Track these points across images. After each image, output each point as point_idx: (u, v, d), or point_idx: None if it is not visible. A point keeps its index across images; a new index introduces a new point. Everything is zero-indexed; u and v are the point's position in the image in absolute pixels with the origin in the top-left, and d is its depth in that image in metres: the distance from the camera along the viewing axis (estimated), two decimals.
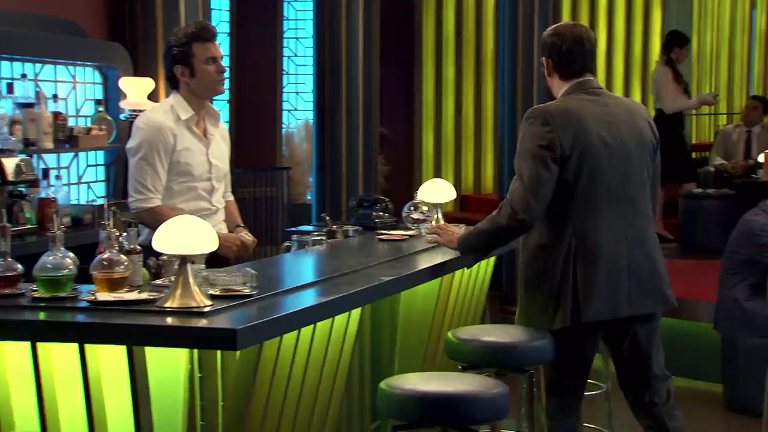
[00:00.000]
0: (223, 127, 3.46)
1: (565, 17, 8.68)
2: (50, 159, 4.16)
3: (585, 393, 3.09)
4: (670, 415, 2.95)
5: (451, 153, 8.98)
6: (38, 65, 4.12)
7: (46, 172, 3.86)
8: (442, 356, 3.69)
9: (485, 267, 3.93)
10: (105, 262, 2.50)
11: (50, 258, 2.47)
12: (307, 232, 3.80)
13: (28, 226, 3.74)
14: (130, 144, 3.25)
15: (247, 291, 2.48)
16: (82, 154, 4.36)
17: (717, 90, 10.29)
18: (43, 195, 3.81)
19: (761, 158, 7.12)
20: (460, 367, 2.89)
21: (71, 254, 2.50)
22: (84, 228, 3.98)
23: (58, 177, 4.04)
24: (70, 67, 4.32)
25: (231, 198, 3.55)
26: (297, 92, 7.95)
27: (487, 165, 9.27)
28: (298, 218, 6.29)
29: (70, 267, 2.46)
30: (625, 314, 2.82)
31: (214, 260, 2.75)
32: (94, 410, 2.28)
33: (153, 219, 3.12)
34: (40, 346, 2.29)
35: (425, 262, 3.25)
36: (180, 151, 3.23)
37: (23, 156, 3.70)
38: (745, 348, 4.42)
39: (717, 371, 4.67)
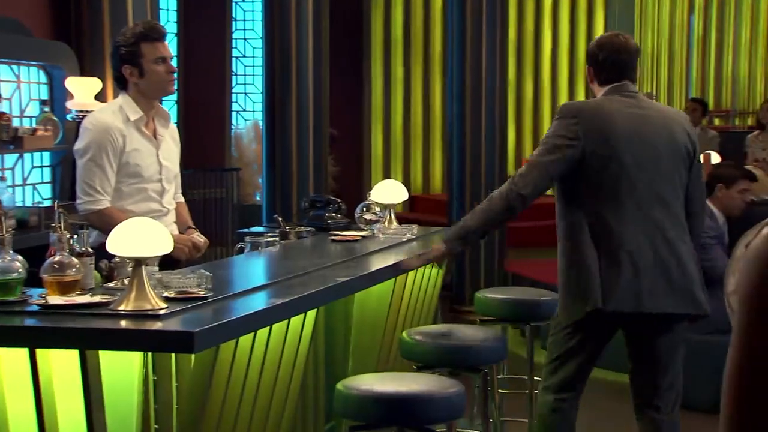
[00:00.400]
0: (173, 128, 3.42)
1: (512, 19, 8.79)
2: None
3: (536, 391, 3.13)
4: (672, 424, 2.96)
5: (400, 153, 9.02)
6: None
7: None
8: (396, 356, 3.70)
9: (435, 270, 3.95)
10: (56, 265, 2.46)
11: None
12: (260, 234, 3.79)
13: None
14: (78, 145, 3.19)
15: (202, 293, 2.47)
16: (27, 155, 4.27)
17: (657, 91, 10.51)
18: None
19: (702, 159, 7.31)
20: (414, 367, 2.91)
21: (20, 257, 2.45)
22: (30, 230, 3.90)
23: (2, 179, 3.95)
24: (14, 67, 4.23)
25: (181, 199, 3.52)
26: (245, 93, 7.90)
27: (435, 165, 9.33)
28: (248, 219, 6.25)
29: (20, 270, 2.41)
30: (648, 309, 2.82)
31: (165, 262, 2.72)
32: (46, 415, 2.25)
33: (102, 221, 3.08)
34: None
35: (380, 262, 3.26)
36: (129, 152, 3.18)
37: None
38: (688, 345, 4.50)
39: None
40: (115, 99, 3.34)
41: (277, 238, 3.62)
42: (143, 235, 2.34)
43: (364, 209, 3.92)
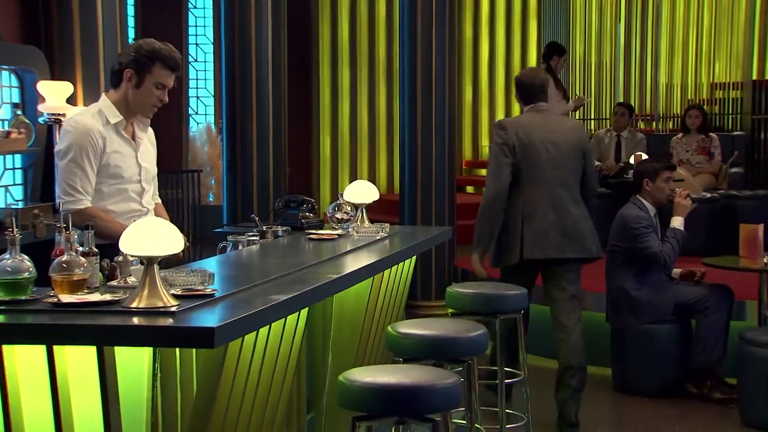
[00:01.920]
0: (151, 132, 3.50)
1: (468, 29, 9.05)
2: None
3: (506, 381, 3.56)
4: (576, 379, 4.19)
5: (347, 156, 9.18)
6: None
7: None
8: (374, 350, 3.86)
9: (408, 264, 4.13)
10: (64, 265, 2.52)
11: (9, 261, 2.48)
12: (238, 233, 3.88)
13: None
14: (59, 147, 3.24)
15: (209, 290, 2.57)
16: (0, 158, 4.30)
17: (587, 95, 10.90)
18: None
19: (632, 160, 7.67)
20: (400, 360, 3.05)
21: (27, 257, 2.53)
22: (5, 232, 3.92)
23: None
24: None
25: (158, 201, 3.60)
26: (198, 97, 7.95)
27: (380, 167, 9.51)
28: (205, 219, 6.32)
29: (30, 270, 2.48)
30: (554, 256, 4.18)
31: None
32: (62, 411, 2.31)
33: (83, 221, 3.12)
34: (6, 348, 2.31)
35: (362, 259, 3.41)
36: (109, 154, 3.25)
37: None
38: (633, 334, 4.81)
39: (606, 356, 5.03)
40: (95, 103, 3.37)
41: (257, 237, 3.74)
42: (154, 235, 2.42)
43: (336, 209, 4.05)
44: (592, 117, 10.60)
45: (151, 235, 2.42)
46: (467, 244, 7.60)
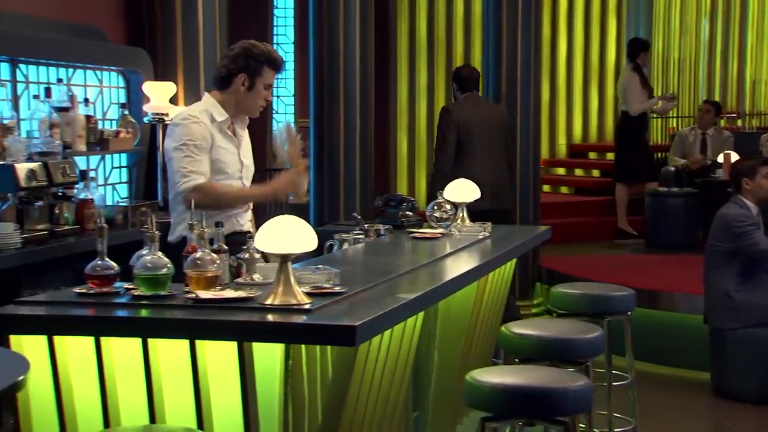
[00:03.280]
0: (246, 131, 3.54)
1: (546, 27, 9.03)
2: (80, 161, 4.20)
3: (614, 384, 3.42)
4: None
5: (424, 155, 9.18)
6: (70, 70, 4.16)
7: (84, 174, 3.90)
8: (478, 348, 3.87)
9: (510, 264, 4.12)
10: (198, 261, 2.58)
11: (149, 257, 2.55)
12: (342, 231, 3.91)
13: (66, 227, 3.78)
14: (170, 142, 3.26)
15: (338, 288, 2.61)
16: (108, 156, 4.41)
17: (667, 91, 10.72)
18: (82, 196, 3.86)
19: (720, 158, 7.53)
20: (500, 360, 3.05)
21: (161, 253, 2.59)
22: (115, 229, 4.03)
23: (93, 179, 4.09)
24: (98, 72, 4.37)
25: None
26: (278, 96, 8.04)
27: None
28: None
29: (168, 266, 2.54)
30: (489, 207, 5.12)
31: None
32: (203, 404, 2.37)
33: (204, 194, 3.18)
34: (150, 342, 2.38)
35: (473, 259, 3.42)
36: (216, 149, 3.30)
37: (63, 159, 3.75)
38: (734, 337, 4.72)
39: (702, 359, 4.94)
40: (198, 102, 3.42)
41: (362, 236, 3.77)
42: (289, 232, 2.46)
43: (435, 207, 4.06)
44: (672, 115, 10.44)
45: (287, 233, 2.45)
46: (549, 243, 7.57)
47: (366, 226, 3.96)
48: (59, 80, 4.02)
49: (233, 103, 3.33)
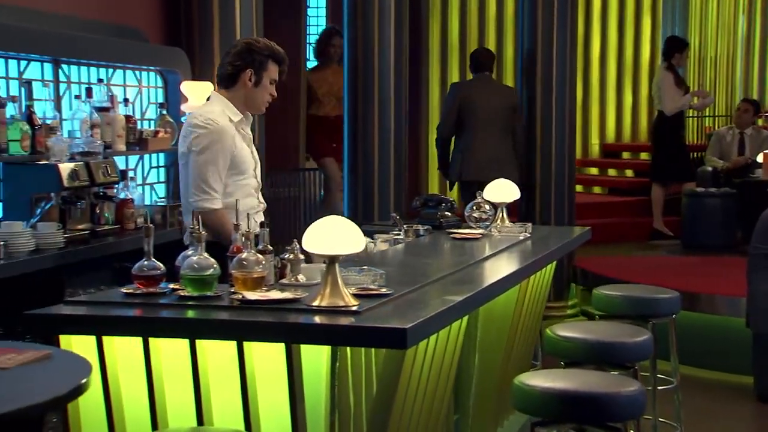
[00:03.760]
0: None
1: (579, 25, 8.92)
2: (119, 161, 4.21)
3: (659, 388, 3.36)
4: None
5: None
6: (110, 70, 4.18)
7: (124, 174, 3.91)
8: (519, 351, 3.83)
9: (550, 267, 4.07)
10: (244, 262, 2.56)
11: (195, 258, 2.54)
12: (381, 232, 3.88)
13: (107, 227, 3.79)
14: (197, 144, 3.20)
15: (384, 290, 2.58)
16: (146, 156, 4.42)
17: (701, 87, 10.60)
18: (122, 196, 3.87)
19: (760, 158, 7.42)
20: (537, 363, 3.00)
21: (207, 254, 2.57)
22: (156, 228, 4.02)
23: (132, 179, 4.10)
24: (137, 72, 4.38)
25: None
26: None
27: None
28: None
29: (214, 266, 2.53)
30: (486, 178, 4.85)
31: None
32: (250, 406, 2.36)
33: (213, 221, 3.15)
34: (198, 343, 2.36)
35: (515, 260, 3.38)
36: (238, 151, 3.26)
37: (104, 159, 3.76)
38: None
39: (744, 363, 4.85)
40: (212, 100, 3.34)
41: (402, 236, 3.75)
42: (337, 233, 2.44)
43: (474, 208, 4.02)
44: (708, 114, 10.30)
45: (334, 233, 2.43)
46: (583, 243, 7.48)
47: (405, 226, 3.94)
48: (100, 80, 4.03)
49: (242, 101, 3.28)
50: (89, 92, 3.86)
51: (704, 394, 4.75)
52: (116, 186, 3.90)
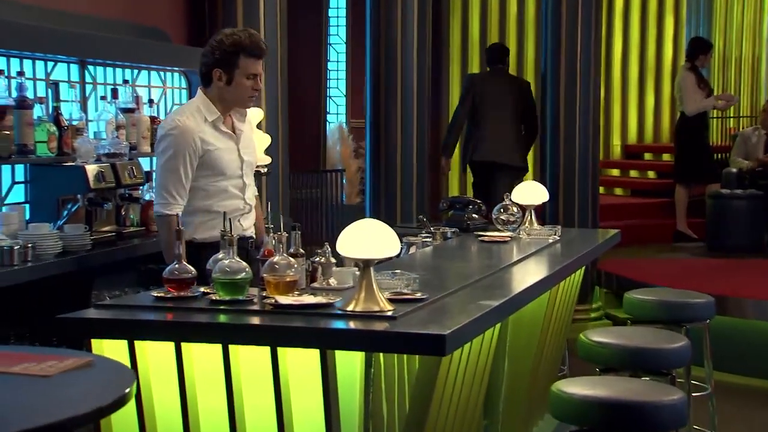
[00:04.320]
0: (249, 118, 3.33)
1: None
2: (143, 162, 4.18)
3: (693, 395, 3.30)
4: None
5: None
6: (135, 71, 4.15)
7: (148, 175, 3.88)
8: (549, 356, 3.77)
9: (579, 272, 4.00)
10: (276, 266, 2.53)
11: (227, 261, 2.50)
12: (409, 234, 3.84)
13: (132, 229, 3.76)
14: (159, 147, 3.15)
15: (419, 295, 2.53)
16: None
17: (725, 90, 10.47)
18: (147, 197, 3.84)
19: None
20: (564, 368, 2.94)
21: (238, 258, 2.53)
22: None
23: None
24: (161, 73, 4.35)
25: (256, 201, 3.42)
26: (329, 96, 8.00)
27: None
28: (349, 220, 6.33)
29: (246, 270, 2.50)
30: (493, 160, 6.35)
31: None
32: (284, 412, 2.32)
33: (162, 227, 3.12)
34: (231, 348, 2.32)
35: (546, 264, 3.32)
36: (211, 152, 3.15)
37: (129, 160, 3.73)
38: None
39: None
40: (192, 99, 3.28)
41: (430, 239, 3.70)
42: (372, 237, 2.39)
43: (501, 210, 3.96)
44: (732, 115, 10.19)
45: (369, 237, 2.39)
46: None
47: (432, 228, 3.89)
48: (125, 81, 4.01)
49: (220, 99, 3.17)
50: (115, 93, 3.83)
51: (737, 400, 4.67)
52: (141, 187, 3.87)
